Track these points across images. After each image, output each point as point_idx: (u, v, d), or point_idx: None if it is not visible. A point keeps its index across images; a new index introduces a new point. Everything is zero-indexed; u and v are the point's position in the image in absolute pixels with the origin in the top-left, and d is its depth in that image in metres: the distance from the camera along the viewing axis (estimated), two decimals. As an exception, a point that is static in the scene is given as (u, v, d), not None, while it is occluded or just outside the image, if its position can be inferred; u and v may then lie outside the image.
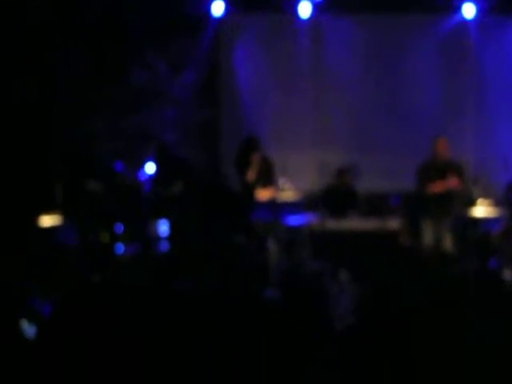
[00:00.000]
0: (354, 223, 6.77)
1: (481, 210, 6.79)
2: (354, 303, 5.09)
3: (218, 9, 7.64)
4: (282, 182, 6.62)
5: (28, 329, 4.38)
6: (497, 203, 6.90)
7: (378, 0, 7.62)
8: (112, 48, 7.58)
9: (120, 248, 6.41)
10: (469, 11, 7.76)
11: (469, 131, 7.98)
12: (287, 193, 6.56)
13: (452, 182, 6.73)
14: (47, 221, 6.00)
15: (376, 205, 7.33)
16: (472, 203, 6.79)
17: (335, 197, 7.15)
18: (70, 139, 7.36)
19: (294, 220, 6.58)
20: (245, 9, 7.70)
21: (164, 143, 7.46)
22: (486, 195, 6.83)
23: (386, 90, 7.94)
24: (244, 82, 7.91)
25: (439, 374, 4.02)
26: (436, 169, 6.78)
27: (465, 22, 7.87)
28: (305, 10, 7.67)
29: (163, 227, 6.63)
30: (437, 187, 6.71)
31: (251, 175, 6.70)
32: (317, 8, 7.68)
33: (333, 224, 6.69)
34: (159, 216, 6.67)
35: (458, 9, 7.80)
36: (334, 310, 5.03)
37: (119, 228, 6.40)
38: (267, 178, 6.67)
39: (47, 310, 4.82)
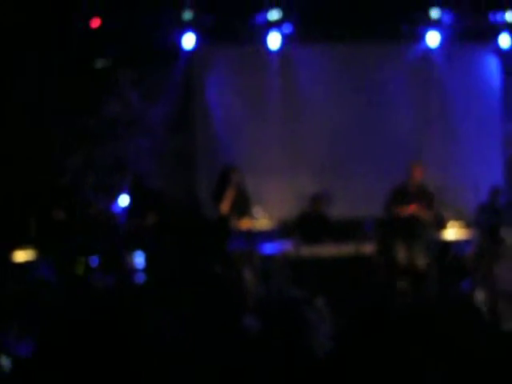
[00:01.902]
0: (329, 249, 6.82)
1: (452, 232, 6.92)
2: (333, 329, 5.11)
3: (189, 41, 7.72)
4: (256, 210, 6.67)
5: (5, 363, 4.31)
6: (468, 225, 7.05)
7: (345, 29, 7.77)
8: (85, 78, 7.60)
9: (95, 280, 6.35)
10: (433, 39, 7.97)
11: (439, 155, 8.15)
12: (262, 221, 6.61)
13: (415, 208, 6.80)
14: (21, 256, 5.94)
15: (350, 230, 7.40)
16: (443, 226, 6.92)
17: (309, 223, 7.22)
18: (43, 171, 7.32)
19: (269, 248, 6.62)
20: (216, 41, 7.79)
21: (137, 174, 7.46)
22: (456, 218, 6.97)
23: (357, 117, 8.09)
24: (217, 112, 7.98)
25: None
26: (407, 193, 6.90)
27: (430, 50, 8.08)
28: (274, 41, 7.79)
29: (139, 259, 6.60)
30: (402, 211, 6.79)
31: (225, 207, 6.71)
32: (286, 39, 7.81)
33: (308, 251, 6.73)
34: (134, 248, 6.64)
35: (424, 37, 8.01)
36: (313, 338, 5.04)
37: (94, 261, 6.35)
38: (243, 208, 6.70)
39: (24, 346, 4.75)
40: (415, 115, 8.18)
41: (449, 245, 6.99)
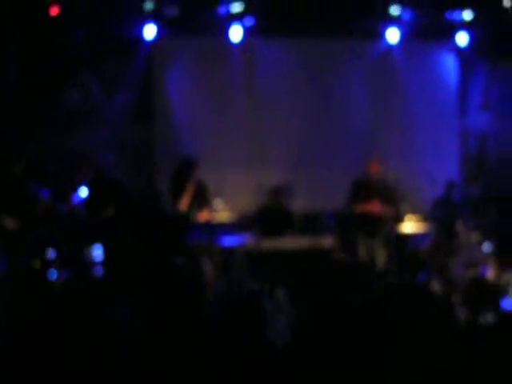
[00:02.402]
0: (289, 242, 6.86)
1: (409, 225, 7.06)
2: (291, 322, 5.16)
3: (150, 32, 7.65)
4: (216, 203, 6.67)
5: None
6: (424, 219, 7.19)
7: (307, 24, 7.82)
8: (44, 67, 7.46)
9: (53, 274, 6.25)
10: (393, 36, 8.08)
11: (396, 150, 8.28)
12: (222, 214, 6.61)
13: (374, 206, 6.88)
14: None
15: (310, 223, 7.47)
16: (400, 220, 7.05)
17: (270, 216, 7.24)
18: (9, 164, 7.15)
19: (229, 241, 6.63)
20: (177, 32, 7.74)
21: (97, 165, 7.36)
22: (413, 211, 7.11)
23: (318, 110, 8.16)
24: (178, 104, 7.94)
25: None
26: (368, 188, 6.97)
27: (390, 46, 8.20)
28: (236, 34, 7.78)
29: (97, 252, 6.52)
30: (360, 208, 6.87)
31: (184, 205, 6.66)
32: (248, 32, 7.81)
33: (268, 244, 6.76)
34: (93, 240, 6.56)
35: (383, 34, 8.11)
36: (271, 329, 5.08)
37: (51, 254, 6.25)
38: (202, 201, 6.68)
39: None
40: (374, 110, 8.30)
41: (406, 238, 7.13)
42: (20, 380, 4.14)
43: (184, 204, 6.63)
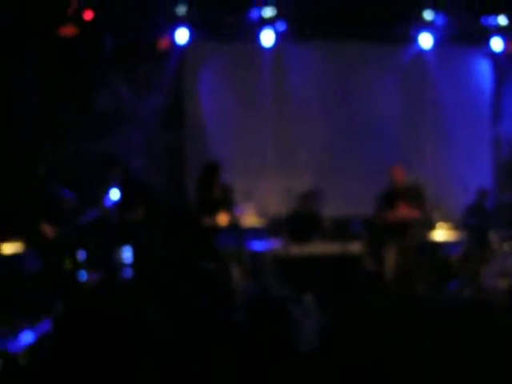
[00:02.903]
0: (318, 248, 6.83)
1: (441, 233, 6.96)
2: (319, 327, 5.13)
3: (182, 36, 7.71)
4: (246, 207, 6.67)
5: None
6: (456, 227, 7.09)
7: (339, 29, 7.79)
8: (77, 72, 7.56)
9: (83, 275, 6.32)
10: (426, 41, 8.00)
11: (429, 157, 8.19)
12: (251, 219, 6.61)
13: (405, 212, 6.78)
14: (8, 248, 5.89)
15: (339, 229, 7.42)
16: (432, 227, 6.95)
17: (299, 222, 7.21)
18: (33, 165, 7.25)
19: (258, 246, 6.62)
20: (209, 36, 7.78)
21: (127, 168, 7.43)
22: (445, 219, 7.01)
23: (348, 116, 8.12)
24: (208, 108, 7.97)
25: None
26: (395, 196, 6.86)
27: (423, 51, 8.11)
28: (268, 39, 7.79)
29: (127, 254, 6.57)
30: (392, 217, 6.77)
31: (223, 221, 6.59)
32: (280, 37, 7.81)
33: (297, 249, 6.73)
34: (123, 243, 6.60)
35: (417, 39, 8.04)
36: (298, 335, 5.05)
37: (82, 255, 6.31)
38: (226, 205, 6.64)
39: (12, 342, 4.74)
40: (406, 116, 8.22)
41: (437, 246, 7.03)
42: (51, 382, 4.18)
43: (223, 221, 6.57)
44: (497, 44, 8.10)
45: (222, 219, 6.44)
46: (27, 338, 4.94)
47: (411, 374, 4.30)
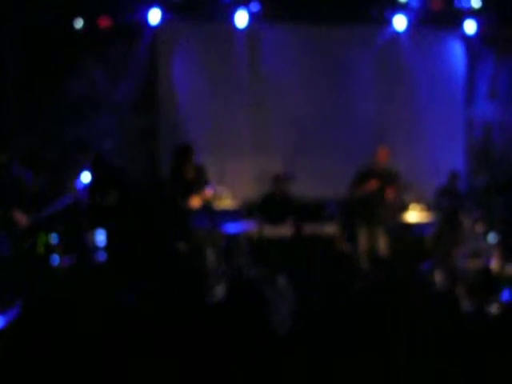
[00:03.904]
0: (291, 230, 6.84)
1: (413, 215, 7.02)
2: (293, 308, 5.15)
3: (154, 17, 7.60)
4: (220, 189, 6.64)
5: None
6: (429, 208, 7.15)
7: (314, 11, 7.75)
8: (48, 56, 7.42)
9: (55, 259, 6.25)
10: (400, 23, 8.00)
11: (402, 138, 8.22)
12: (225, 201, 6.58)
13: (371, 185, 6.80)
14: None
15: (313, 211, 7.43)
16: (405, 208, 7.01)
17: (272, 204, 7.21)
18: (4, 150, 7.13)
19: (232, 228, 6.61)
20: (182, 17, 7.68)
21: (99, 152, 7.34)
22: (418, 200, 7.07)
23: (323, 97, 8.10)
24: (182, 90, 7.89)
25: (375, 375, 4.12)
26: (372, 175, 6.91)
27: (397, 33, 8.12)
28: (241, 19, 7.72)
29: (100, 237, 6.52)
30: (360, 189, 6.80)
31: (195, 203, 6.54)
32: (253, 17, 7.75)
33: (270, 231, 6.74)
34: (96, 226, 6.55)
35: (391, 21, 8.03)
36: (273, 316, 5.07)
37: (54, 238, 6.24)
38: (199, 186, 6.60)
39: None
40: (380, 98, 8.23)
41: (410, 227, 7.09)
42: (21, 367, 4.15)
43: (195, 203, 6.52)
44: (470, 26, 8.13)
45: (195, 201, 6.40)
46: (-1, 323, 4.89)
47: (383, 354, 4.35)
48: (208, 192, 6.51)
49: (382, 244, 6.73)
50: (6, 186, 5.94)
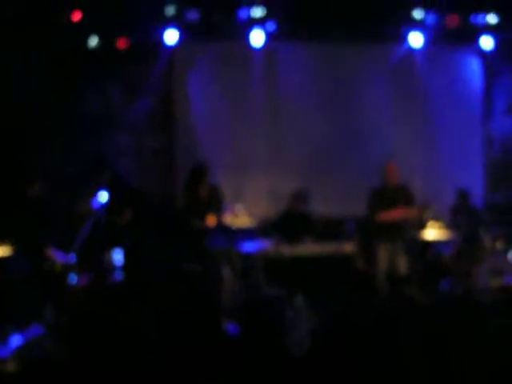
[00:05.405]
0: (309, 248, 6.79)
1: (432, 232, 6.95)
2: (311, 328, 5.10)
3: (171, 37, 7.67)
4: (237, 208, 6.63)
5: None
6: (447, 226, 7.08)
7: (329, 29, 7.78)
8: (66, 74, 7.51)
9: (73, 278, 6.26)
10: (416, 40, 8.00)
11: (420, 155, 8.17)
12: (242, 219, 6.57)
13: (398, 213, 6.72)
14: (-2, 251, 5.84)
15: (331, 229, 7.38)
16: (423, 226, 6.93)
17: (289, 222, 7.17)
18: (24, 166, 7.20)
19: (249, 246, 6.58)
20: (199, 37, 7.74)
21: (116, 171, 7.38)
22: (436, 218, 6.99)
23: (338, 116, 8.10)
24: (198, 109, 7.93)
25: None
26: (386, 195, 6.79)
27: (413, 50, 8.11)
28: (258, 38, 7.76)
29: (117, 256, 6.53)
30: (385, 216, 6.70)
31: (211, 222, 6.53)
32: (269, 36, 7.78)
33: (288, 250, 6.70)
34: (113, 245, 6.56)
35: (407, 38, 8.02)
36: (290, 336, 5.03)
37: (71, 258, 6.26)
38: (214, 206, 6.59)
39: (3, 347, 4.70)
40: (396, 115, 8.20)
41: (429, 245, 7.02)
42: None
43: (211, 222, 6.51)
44: (487, 42, 8.10)
45: (211, 220, 6.39)
46: (16, 342, 4.90)
47: (402, 374, 4.30)
48: (225, 215, 6.50)
49: (402, 263, 6.64)
50: (42, 220, 6.02)
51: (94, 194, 6.56)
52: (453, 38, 8.07)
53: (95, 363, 4.43)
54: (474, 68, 8.40)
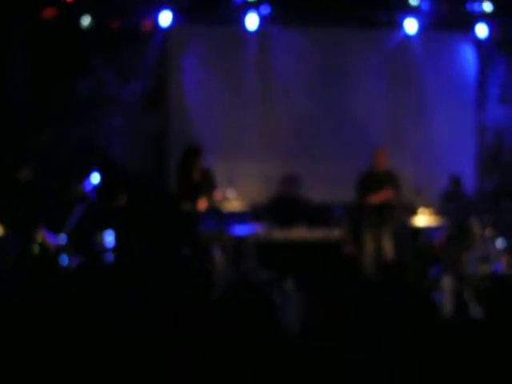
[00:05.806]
0: (299, 233, 6.83)
1: (422, 219, 6.99)
2: (300, 312, 5.15)
3: (165, 19, 7.62)
4: (228, 192, 6.65)
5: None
6: (438, 213, 7.12)
7: (324, 13, 7.74)
8: (58, 56, 7.46)
9: (64, 259, 6.29)
10: (411, 26, 7.98)
11: (411, 142, 8.19)
12: (233, 203, 6.59)
13: (386, 194, 6.77)
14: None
15: (321, 215, 7.41)
16: (413, 213, 6.97)
17: (281, 206, 7.20)
18: (16, 150, 7.18)
19: (240, 230, 6.62)
20: (193, 20, 7.70)
21: (108, 153, 7.37)
22: (427, 205, 7.03)
23: (331, 101, 8.08)
24: (191, 92, 7.90)
25: (379, 376, 4.13)
26: (373, 180, 6.84)
27: (408, 37, 8.09)
28: (252, 22, 7.73)
29: (108, 238, 6.55)
30: (373, 199, 6.75)
31: (202, 205, 6.52)
32: (264, 20, 7.75)
33: (279, 234, 6.73)
34: (104, 227, 6.57)
35: (402, 24, 8.01)
36: (279, 319, 5.07)
37: (63, 239, 6.28)
38: (206, 189, 6.60)
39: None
40: (390, 101, 8.20)
41: (419, 231, 7.06)
42: (25, 364, 4.17)
43: (202, 205, 6.52)
44: (481, 30, 8.08)
45: (202, 204, 6.41)
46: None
47: (391, 358, 4.35)
48: (216, 195, 6.52)
49: (388, 248, 6.69)
50: (34, 202, 6.01)
51: (86, 176, 6.57)
52: (448, 25, 8.04)
53: (84, 343, 4.46)
54: (468, 56, 8.38)
